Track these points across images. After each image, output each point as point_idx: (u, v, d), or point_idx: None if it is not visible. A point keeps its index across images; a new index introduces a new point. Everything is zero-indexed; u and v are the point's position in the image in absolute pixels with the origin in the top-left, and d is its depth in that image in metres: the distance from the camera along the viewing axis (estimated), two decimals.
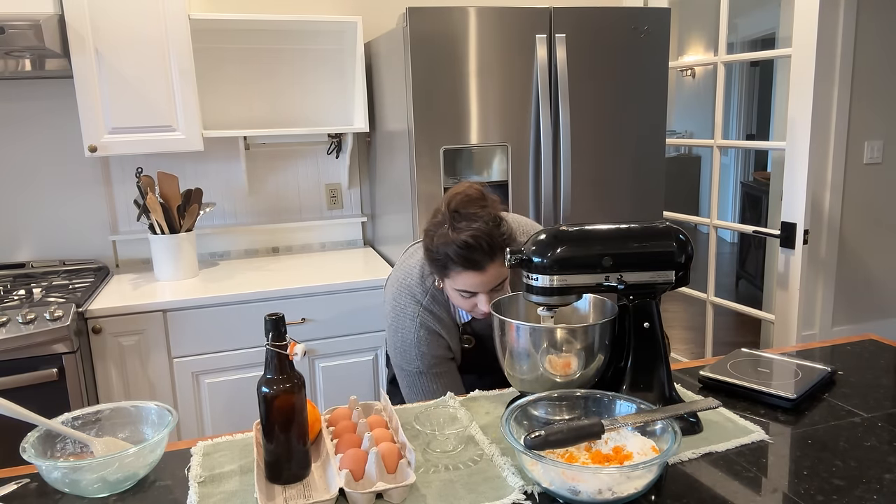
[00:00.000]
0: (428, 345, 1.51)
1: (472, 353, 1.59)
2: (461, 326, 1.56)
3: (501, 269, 1.35)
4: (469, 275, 1.34)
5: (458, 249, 1.31)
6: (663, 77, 2.45)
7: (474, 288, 1.36)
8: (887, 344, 1.56)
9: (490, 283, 1.35)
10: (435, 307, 1.52)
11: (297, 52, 2.72)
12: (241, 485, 1.04)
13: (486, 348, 1.53)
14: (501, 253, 1.32)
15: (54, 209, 2.57)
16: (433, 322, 1.51)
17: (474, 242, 1.30)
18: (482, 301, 1.38)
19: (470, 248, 1.30)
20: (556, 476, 0.93)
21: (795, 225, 2.39)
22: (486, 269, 1.33)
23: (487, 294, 1.37)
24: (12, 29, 1.94)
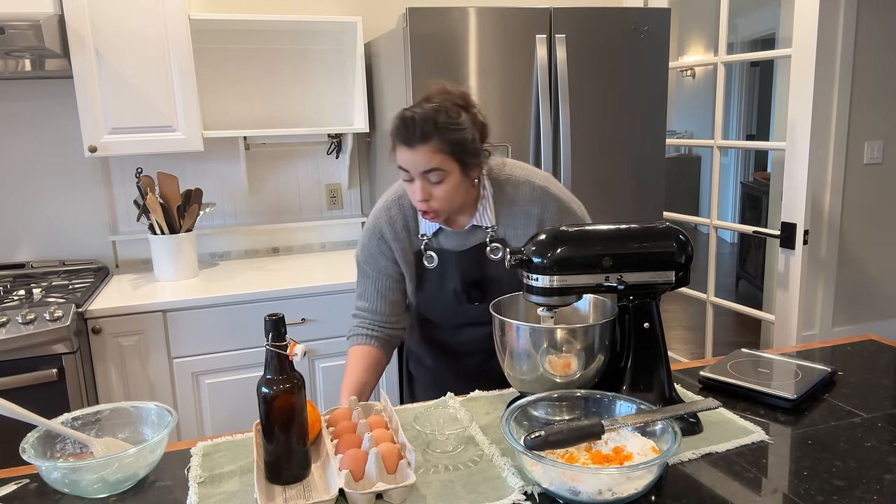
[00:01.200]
0: (369, 239, 1.54)
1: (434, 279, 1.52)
2: (424, 242, 1.51)
3: (433, 156, 1.33)
4: (401, 151, 1.35)
5: (395, 122, 1.35)
6: (663, 77, 2.45)
7: (405, 164, 1.36)
8: (887, 344, 1.56)
9: (419, 165, 1.34)
10: (393, 210, 1.52)
11: (298, 52, 2.72)
12: (241, 485, 1.04)
13: (447, 273, 1.50)
14: (436, 139, 1.32)
15: (54, 209, 2.57)
16: (385, 223, 1.51)
17: (409, 117, 1.33)
18: (414, 186, 1.37)
19: (404, 121, 1.33)
20: (556, 476, 0.93)
21: (795, 225, 2.39)
22: (415, 148, 1.33)
23: (421, 181, 1.36)
24: (12, 29, 1.94)
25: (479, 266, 1.49)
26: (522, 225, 1.49)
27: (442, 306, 1.54)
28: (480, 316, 1.49)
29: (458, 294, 1.51)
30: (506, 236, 1.49)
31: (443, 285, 1.52)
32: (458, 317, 1.54)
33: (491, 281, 1.49)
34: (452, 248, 1.51)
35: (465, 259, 1.50)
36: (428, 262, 1.52)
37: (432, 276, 1.52)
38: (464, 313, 1.52)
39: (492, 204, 1.49)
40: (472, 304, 1.51)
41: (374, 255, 1.54)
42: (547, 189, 1.50)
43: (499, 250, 1.48)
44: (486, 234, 1.49)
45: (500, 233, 1.49)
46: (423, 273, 1.53)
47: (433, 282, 1.53)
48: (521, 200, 1.49)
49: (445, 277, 1.51)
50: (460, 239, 1.50)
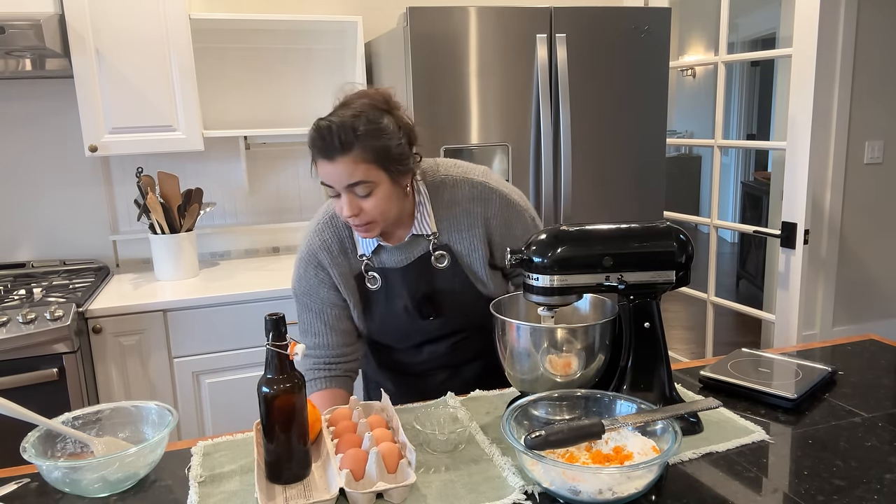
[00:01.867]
0: (306, 268, 1.43)
1: (381, 301, 1.42)
2: (365, 263, 1.41)
3: (356, 168, 1.22)
4: (321, 164, 1.24)
5: (311, 133, 1.24)
6: (664, 77, 2.45)
7: (328, 179, 1.25)
8: (888, 344, 1.56)
9: (342, 179, 1.23)
10: (327, 233, 1.41)
11: (298, 52, 2.72)
12: (242, 485, 1.04)
13: (394, 292, 1.40)
14: (358, 149, 1.21)
15: (55, 209, 2.57)
16: (320, 249, 1.41)
17: (326, 126, 1.21)
18: (341, 202, 1.26)
19: (320, 131, 1.22)
20: (557, 476, 0.93)
21: (796, 225, 2.39)
22: (335, 160, 1.22)
23: (348, 195, 1.25)
24: (12, 29, 1.94)
25: (427, 279, 1.40)
26: (466, 226, 1.40)
27: (394, 327, 1.44)
28: (438, 329, 1.44)
29: (410, 312, 1.41)
30: (449, 241, 1.40)
31: (391, 305, 1.42)
32: (413, 336, 1.45)
33: (441, 293, 1.41)
34: (395, 265, 1.40)
35: (409, 274, 1.40)
36: (371, 283, 1.41)
37: (378, 298, 1.42)
38: (420, 331, 1.44)
39: (430, 210, 1.38)
40: (426, 321, 1.42)
41: (313, 286, 1.42)
42: (487, 184, 1.41)
43: (444, 258, 1.39)
44: (428, 242, 1.39)
45: (444, 239, 1.40)
46: (367, 296, 1.42)
47: (380, 303, 1.42)
48: (461, 200, 1.39)
49: (392, 296, 1.41)
50: (402, 253, 1.40)
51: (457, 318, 1.44)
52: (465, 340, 1.47)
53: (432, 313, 1.42)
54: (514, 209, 1.43)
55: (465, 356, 1.50)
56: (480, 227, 1.40)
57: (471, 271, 1.42)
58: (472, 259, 1.41)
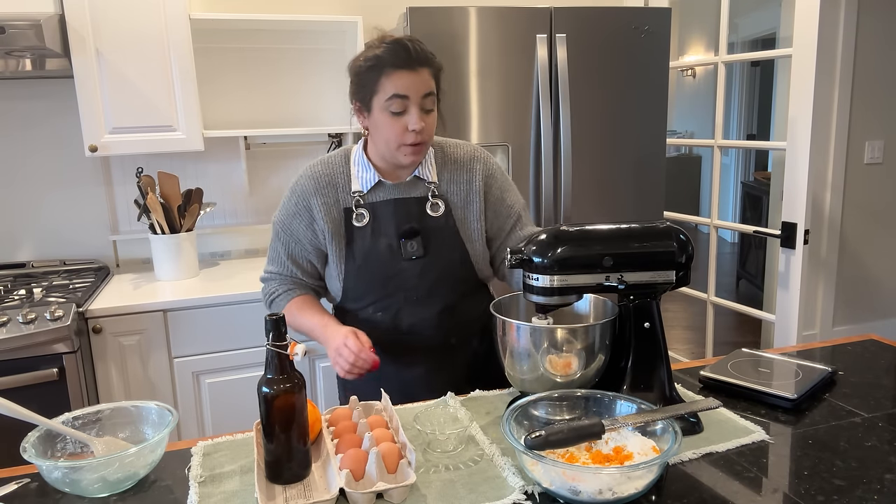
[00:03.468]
0: (289, 197, 1.46)
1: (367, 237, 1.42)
2: (356, 199, 1.43)
3: (430, 80, 1.34)
4: (401, 74, 1.30)
5: (390, 47, 1.31)
6: (664, 77, 2.45)
7: (405, 89, 1.31)
8: (888, 344, 1.56)
9: (421, 87, 1.32)
10: (318, 168, 1.45)
11: (298, 52, 2.72)
12: (242, 485, 1.04)
13: (381, 228, 1.42)
14: (430, 64, 1.34)
15: (55, 209, 2.57)
16: (308, 179, 1.44)
17: (408, 42, 1.31)
18: (413, 115, 1.32)
19: (404, 46, 1.31)
20: (557, 476, 0.93)
21: (796, 225, 2.39)
22: (417, 70, 1.31)
23: (418, 107, 1.32)
24: (13, 29, 1.94)
25: (417, 219, 1.43)
26: (465, 181, 1.47)
27: (374, 268, 1.42)
28: (420, 277, 1.42)
29: (393, 250, 1.41)
30: (447, 193, 1.46)
31: (375, 243, 1.42)
32: (394, 280, 1.42)
33: (428, 235, 1.43)
34: (389, 198, 1.44)
35: (401, 208, 1.43)
36: (357, 220, 1.43)
37: (363, 235, 1.43)
38: (401, 275, 1.42)
39: (433, 162, 1.47)
40: (408, 261, 1.41)
41: (289, 216, 1.46)
42: (486, 151, 1.54)
43: (438, 207, 1.44)
44: (427, 188, 1.45)
45: (442, 190, 1.46)
46: (351, 233, 1.43)
47: (364, 240, 1.43)
48: (462, 158, 1.49)
49: (378, 233, 1.42)
50: (400, 192, 1.44)
51: (437, 269, 1.43)
52: (450, 313, 1.46)
53: (415, 252, 1.42)
54: (508, 179, 1.55)
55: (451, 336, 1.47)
56: (479, 181, 1.48)
57: (463, 225, 1.46)
58: (468, 212, 1.47)
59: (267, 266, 1.54)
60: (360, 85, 1.35)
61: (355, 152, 1.47)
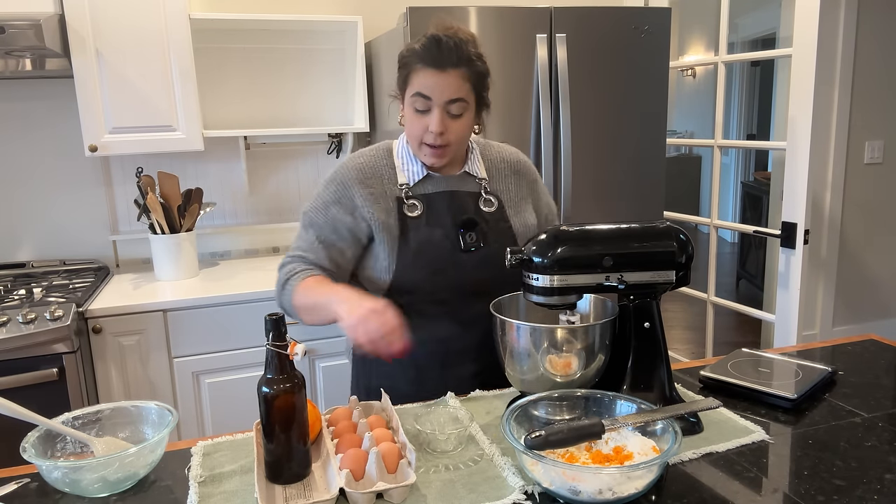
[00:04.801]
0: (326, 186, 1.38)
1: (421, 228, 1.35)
2: (404, 191, 1.37)
3: (462, 85, 1.28)
4: (428, 73, 1.26)
5: (424, 41, 1.27)
6: (664, 77, 2.45)
7: (429, 90, 1.26)
8: (888, 344, 1.56)
9: (447, 91, 1.26)
10: (362, 158, 1.39)
11: (298, 52, 2.72)
12: (242, 485, 1.04)
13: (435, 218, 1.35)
14: (467, 67, 1.28)
15: (55, 209, 2.57)
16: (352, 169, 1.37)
17: (443, 37, 1.26)
18: (434, 117, 1.27)
19: (437, 41, 1.25)
20: (557, 476, 0.93)
21: (796, 225, 2.39)
22: (446, 71, 1.25)
23: (441, 109, 1.27)
24: (12, 29, 1.94)
25: (472, 210, 1.39)
26: (514, 181, 1.46)
27: (430, 257, 1.34)
28: (475, 270, 1.35)
29: (451, 240, 1.35)
30: (498, 191, 1.43)
31: (431, 232, 1.35)
32: (449, 272, 1.35)
33: (487, 224, 1.38)
34: (444, 189, 1.39)
35: (457, 200, 1.37)
36: (410, 210, 1.36)
37: (418, 225, 1.35)
38: (457, 266, 1.35)
39: (480, 159, 1.44)
40: (467, 252, 1.35)
41: (328, 202, 1.37)
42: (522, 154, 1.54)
43: (492, 203, 1.40)
44: (477, 184, 1.42)
45: (493, 187, 1.43)
46: (405, 223, 1.35)
47: (419, 230, 1.35)
48: (508, 158, 1.48)
49: (434, 224, 1.35)
50: (451, 184, 1.40)
51: (497, 262, 1.31)
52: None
53: (474, 243, 1.35)
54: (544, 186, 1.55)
55: None
56: (525, 187, 1.48)
57: (516, 222, 1.43)
58: (520, 209, 1.45)
59: (292, 252, 1.40)
60: (399, 76, 1.33)
61: (398, 145, 1.42)
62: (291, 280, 1.34)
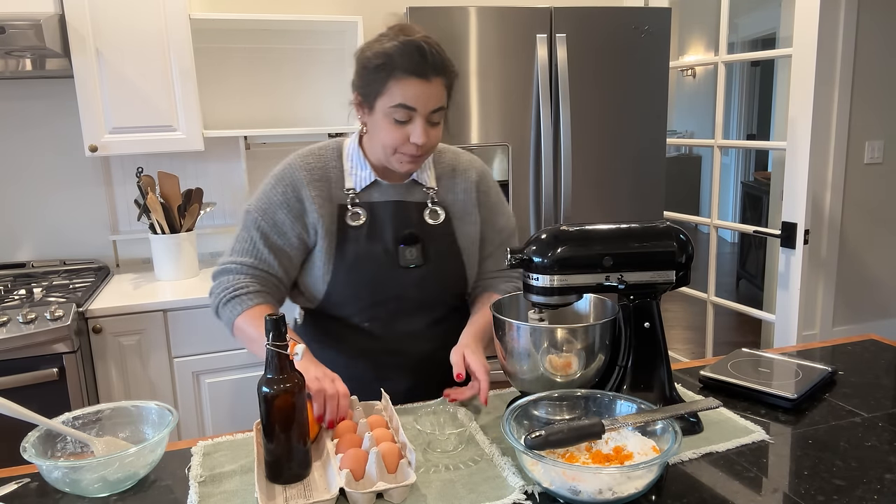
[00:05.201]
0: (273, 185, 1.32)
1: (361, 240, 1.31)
2: (350, 197, 1.33)
3: (443, 93, 1.23)
4: (413, 83, 1.18)
5: (404, 48, 1.18)
6: (664, 77, 2.45)
7: (415, 102, 1.20)
8: (888, 344, 1.56)
9: (431, 101, 1.21)
10: (311, 158, 1.33)
11: (298, 52, 2.72)
12: (242, 484, 1.04)
13: (377, 231, 1.31)
14: (446, 74, 1.23)
15: (55, 209, 2.57)
16: (301, 168, 1.31)
17: (426, 46, 1.18)
18: (417, 128, 1.22)
19: (421, 50, 1.18)
20: (557, 476, 0.93)
21: (796, 225, 2.39)
22: (430, 80, 1.19)
23: (424, 119, 1.22)
24: (13, 29, 1.94)
25: (417, 223, 1.34)
26: (462, 190, 1.40)
27: (367, 272, 1.31)
28: (414, 287, 1.32)
29: (390, 254, 1.31)
30: (445, 202, 1.39)
31: (371, 245, 1.31)
32: (385, 288, 1.32)
33: (428, 239, 1.34)
34: (388, 199, 1.34)
35: (401, 212, 1.33)
36: (352, 219, 1.32)
37: (357, 236, 1.31)
38: (394, 283, 1.32)
39: (431, 167, 1.39)
40: (405, 269, 1.32)
41: (274, 204, 1.31)
42: (484, 165, 1.47)
43: (438, 215, 1.36)
44: (425, 194, 1.37)
45: (440, 197, 1.39)
46: (345, 232, 1.31)
47: (359, 242, 1.31)
48: (460, 166, 1.42)
49: (374, 236, 1.32)
50: (398, 193, 1.36)
51: (435, 283, 1.35)
52: (440, 326, 1.38)
53: (414, 260, 1.32)
54: (502, 199, 1.48)
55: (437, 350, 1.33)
56: (474, 192, 1.42)
57: (461, 236, 1.39)
58: (466, 222, 1.41)
59: (232, 256, 1.33)
60: (366, 80, 1.24)
61: (349, 147, 1.37)
62: (239, 300, 1.29)
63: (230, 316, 1.29)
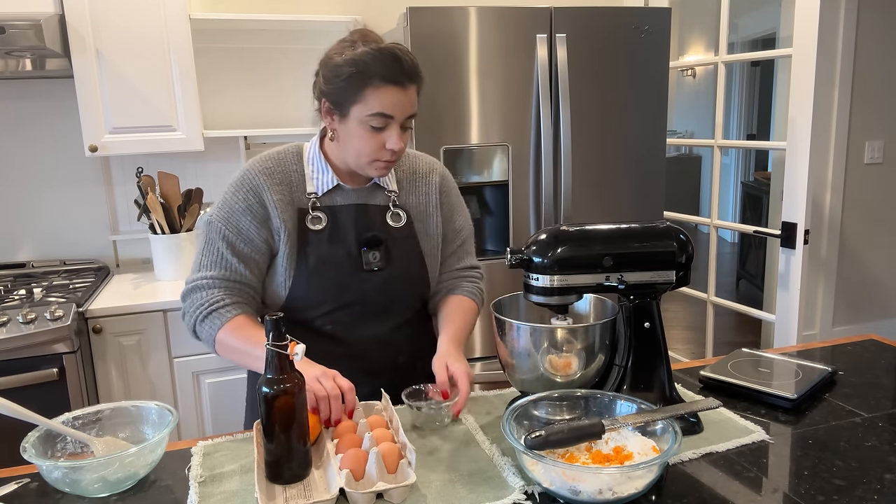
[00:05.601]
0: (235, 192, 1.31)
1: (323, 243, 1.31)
2: (311, 201, 1.32)
3: (416, 99, 1.25)
4: (391, 91, 1.19)
5: (379, 56, 1.18)
6: (664, 77, 2.45)
7: (392, 110, 1.20)
8: (888, 344, 1.56)
9: (407, 108, 1.22)
10: (270, 163, 1.32)
11: (298, 52, 2.72)
12: (242, 485, 1.04)
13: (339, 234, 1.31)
14: (418, 81, 1.24)
15: (55, 209, 2.57)
16: (260, 173, 1.30)
17: (401, 54, 1.19)
18: (393, 136, 1.22)
19: (396, 58, 1.19)
20: (557, 476, 0.93)
21: (796, 225, 2.39)
22: (407, 88, 1.21)
23: (398, 127, 1.23)
24: (13, 29, 1.94)
25: (379, 227, 1.34)
26: (424, 192, 1.41)
27: (330, 276, 1.30)
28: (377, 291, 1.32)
29: (352, 258, 1.31)
30: (407, 204, 1.39)
31: (333, 249, 1.31)
32: (348, 292, 1.31)
33: (389, 246, 1.34)
34: (349, 202, 1.34)
35: (362, 215, 1.33)
36: (313, 223, 1.31)
37: (319, 240, 1.31)
38: (357, 287, 1.31)
39: (392, 170, 1.38)
40: (368, 272, 1.31)
41: (236, 212, 1.29)
42: (442, 165, 1.49)
43: (400, 217, 1.36)
44: (386, 197, 1.38)
45: (402, 199, 1.39)
46: (305, 237, 1.31)
47: (321, 245, 1.30)
48: (420, 169, 1.43)
49: (336, 239, 1.31)
50: (360, 197, 1.35)
51: (398, 284, 1.35)
52: (403, 331, 1.38)
53: (377, 263, 1.31)
54: (461, 200, 1.49)
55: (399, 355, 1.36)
56: (435, 195, 1.43)
57: (423, 239, 1.40)
58: (427, 225, 1.41)
59: (201, 272, 1.30)
60: (338, 87, 1.23)
61: (309, 150, 1.36)
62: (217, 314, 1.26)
63: (210, 332, 1.27)
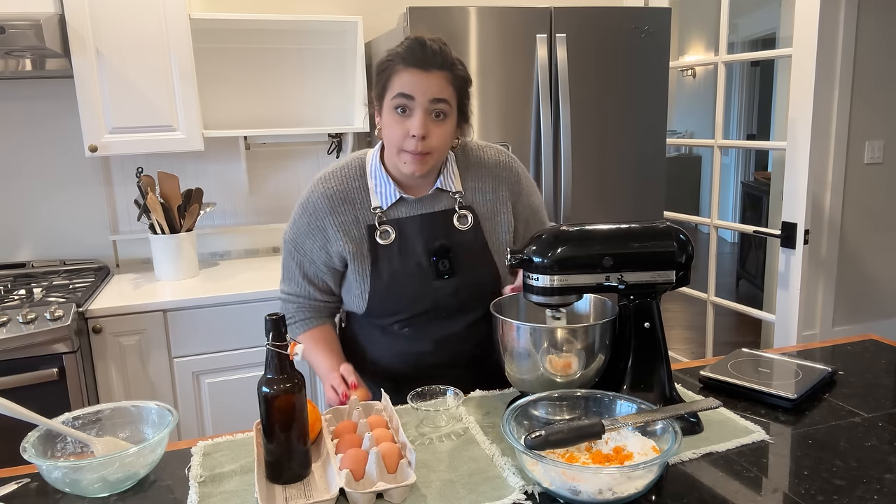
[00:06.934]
0: (300, 214, 1.38)
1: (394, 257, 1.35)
2: (378, 215, 1.35)
3: (446, 87, 1.25)
4: (410, 73, 1.23)
5: (409, 43, 1.25)
6: (664, 77, 2.45)
7: (412, 89, 1.23)
8: (888, 344, 1.56)
9: (430, 90, 1.23)
10: (332, 182, 1.36)
11: (298, 52, 2.72)
12: (242, 484, 1.04)
13: (408, 246, 1.35)
14: (450, 70, 1.26)
15: (55, 209, 2.57)
16: (321, 196, 1.35)
17: (428, 41, 1.24)
18: (415, 119, 1.23)
19: (421, 44, 1.24)
20: (557, 476, 0.93)
21: (796, 225, 2.39)
22: (430, 72, 1.23)
23: (423, 111, 1.24)
24: (13, 29, 1.94)
25: (446, 234, 1.36)
26: (491, 189, 1.41)
27: (403, 286, 1.35)
28: (450, 295, 1.36)
29: (423, 268, 1.35)
30: (473, 203, 1.39)
31: (404, 261, 1.35)
32: (423, 300, 1.36)
33: (458, 252, 1.36)
34: (414, 214, 1.36)
35: (428, 224, 1.36)
36: (382, 238, 1.35)
37: (390, 254, 1.35)
38: (431, 294, 1.36)
39: (455, 169, 1.39)
40: (439, 280, 1.35)
41: (301, 234, 1.39)
42: (511, 154, 1.47)
43: (466, 219, 1.37)
44: (452, 200, 1.38)
45: (468, 200, 1.39)
46: (376, 252, 1.35)
47: (392, 260, 1.35)
48: (488, 162, 1.42)
49: (406, 252, 1.35)
50: (424, 206, 1.37)
51: (470, 287, 1.38)
52: (478, 326, 1.40)
53: (447, 271, 1.35)
54: (532, 183, 1.50)
55: (477, 348, 1.40)
56: (505, 191, 1.43)
57: (492, 238, 1.40)
58: (496, 222, 1.42)
59: (282, 285, 1.48)
60: (376, 82, 1.29)
61: (371, 162, 1.38)
62: (291, 329, 1.44)
63: None
